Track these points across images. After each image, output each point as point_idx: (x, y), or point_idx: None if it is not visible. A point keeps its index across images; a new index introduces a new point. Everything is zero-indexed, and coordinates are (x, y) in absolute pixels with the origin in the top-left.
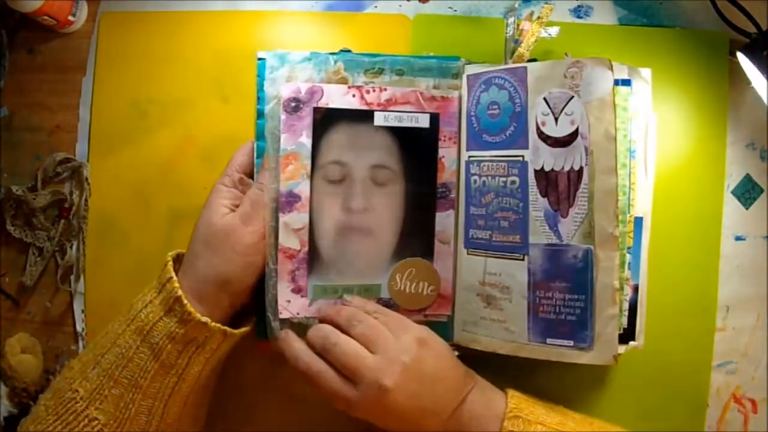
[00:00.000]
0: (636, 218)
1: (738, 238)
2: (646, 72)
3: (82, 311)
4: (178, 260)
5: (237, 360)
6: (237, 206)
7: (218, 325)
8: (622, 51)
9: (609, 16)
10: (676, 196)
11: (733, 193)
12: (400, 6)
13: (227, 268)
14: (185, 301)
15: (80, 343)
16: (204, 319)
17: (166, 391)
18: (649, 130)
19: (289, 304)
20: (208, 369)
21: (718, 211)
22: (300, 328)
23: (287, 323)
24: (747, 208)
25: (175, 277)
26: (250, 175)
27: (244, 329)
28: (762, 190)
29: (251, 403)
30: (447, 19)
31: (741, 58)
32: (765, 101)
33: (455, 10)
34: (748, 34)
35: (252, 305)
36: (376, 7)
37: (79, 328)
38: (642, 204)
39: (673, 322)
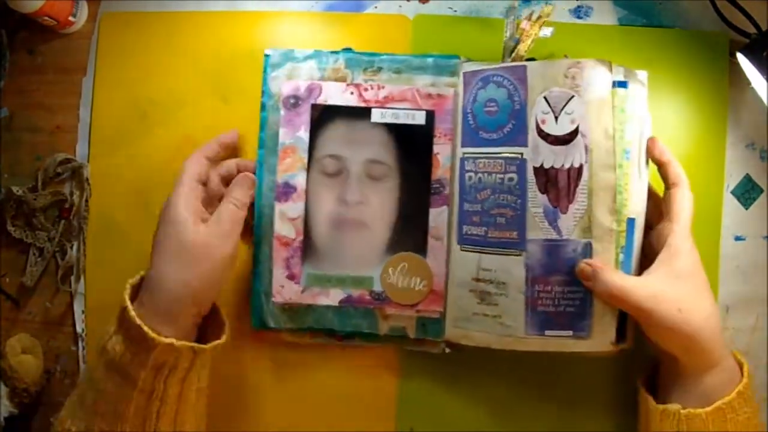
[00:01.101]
0: (629, 219)
1: (738, 238)
2: (642, 74)
3: (82, 312)
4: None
5: (237, 360)
6: (203, 219)
7: (184, 343)
8: (621, 51)
9: (609, 16)
10: None
11: (733, 193)
12: (400, 6)
13: (202, 283)
14: (145, 329)
15: (80, 344)
16: (168, 340)
17: (152, 417)
18: (643, 132)
19: (282, 289)
20: (189, 387)
21: (717, 211)
22: (292, 312)
23: (280, 307)
24: (747, 208)
25: (129, 306)
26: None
27: (215, 343)
28: (762, 190)
29: (251, 403)
30: (447, 20)
31: (741, 58)
32: (765, 101)
33: (455, 11)
34: (748, 34)
35: (218, 315)
36: (376, 7)
37: (79, 329)
38: (635, 205)
39: None
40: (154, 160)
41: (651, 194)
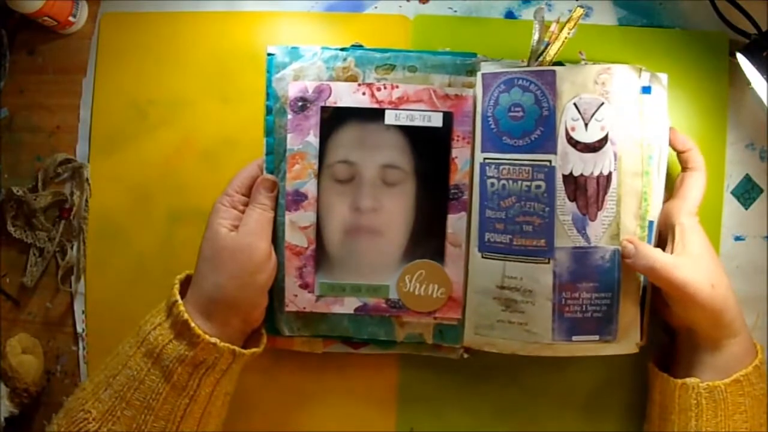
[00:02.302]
0: (649, 222)
1: (737, 238)
2: (663, 77)
3: (83, 312)
4: (187, 281)
5: None
6: (236, 227)
7: (227, 344)
8: (622, 52)
9: (609, 16)
10: None
11: (733, 193)
12: (400, 7)
13: (233, 288)
14: (192, 324)
15: (80, 344)
16: (213, 339)
17: (179, 413)
18: (663, 135)
19: (296, 298)
20: (220, 390)
21: (717, 211)
22: (306, 319)
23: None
24: (746, 209)
25: (180, 301)
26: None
27: (254, 350)
28: (761, 191)
29: (251, 403)
30: (447, 20)
31: (741, 58)
32: (765, 101)
33: (455, 11)
34: (747, 34)
35: (258, 327)
36: (376, 7)
37: (79, 329)
38: (654, 209)
39: None
40: (154, 160)
41: None
